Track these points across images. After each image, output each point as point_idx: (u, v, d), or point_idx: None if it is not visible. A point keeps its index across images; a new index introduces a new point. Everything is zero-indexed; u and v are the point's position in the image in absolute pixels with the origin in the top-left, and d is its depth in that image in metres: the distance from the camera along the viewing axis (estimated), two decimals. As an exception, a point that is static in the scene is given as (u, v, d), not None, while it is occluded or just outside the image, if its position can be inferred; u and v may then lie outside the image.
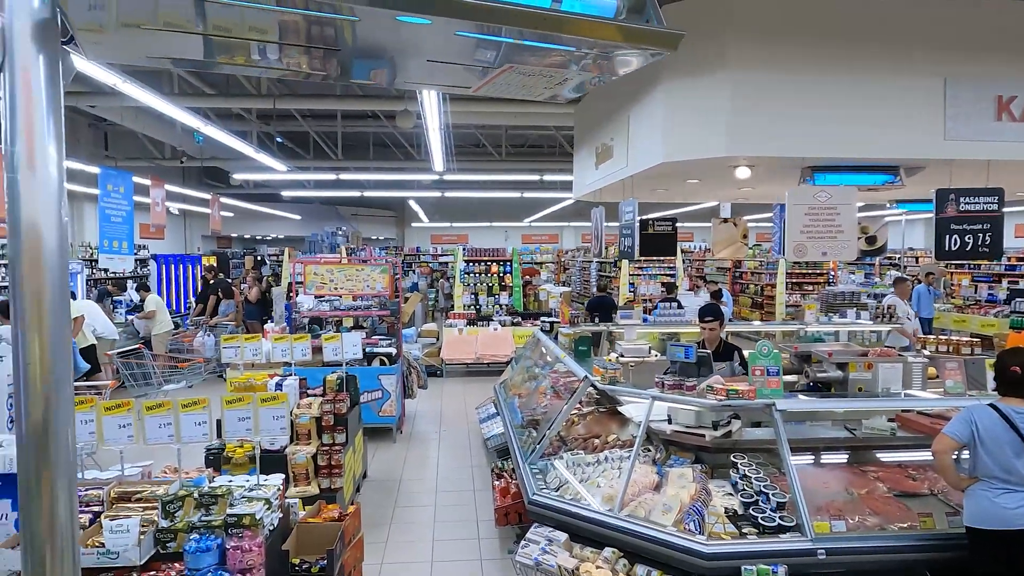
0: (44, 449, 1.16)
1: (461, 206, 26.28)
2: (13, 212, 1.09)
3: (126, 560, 2.88)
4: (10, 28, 1.01)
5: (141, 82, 6.64)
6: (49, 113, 1.06)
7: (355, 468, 5.84)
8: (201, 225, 23.12)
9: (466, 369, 11.86)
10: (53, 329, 1.17)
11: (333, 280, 8.26)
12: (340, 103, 11.56)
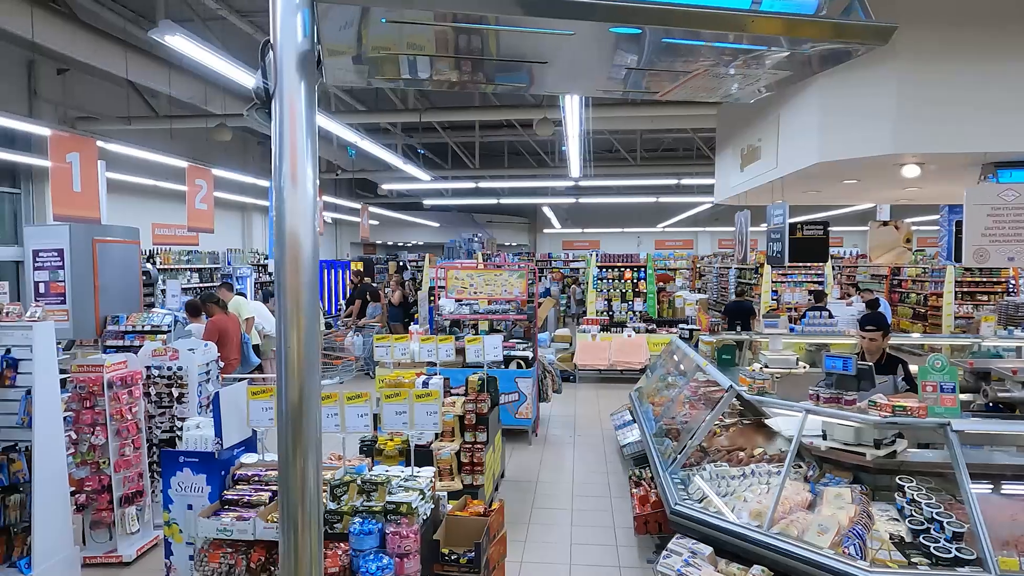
0: (298, 427, 1.32)
1: (593, 212, 26.25)
2: (279, 223, 1.27)
3: (299, 536, 3.15)
4: (280, 60, 1.16)
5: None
6: (308, 135, 1.22)
7: (495, 467, 6.01)
8: (350, 232, 24.81)
9: (599, 375, 11.82)
10: (307, 324, 1.32)
11: (472, 284, 8.55)
12: (479, 114, 11.96)
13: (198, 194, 7.84)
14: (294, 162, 1.22)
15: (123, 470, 4.91)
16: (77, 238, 6.89)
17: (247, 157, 16.22)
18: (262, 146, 17.11)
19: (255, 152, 16.83)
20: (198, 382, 5.41)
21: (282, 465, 1.35)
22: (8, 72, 9.83)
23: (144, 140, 10.22)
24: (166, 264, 12.44)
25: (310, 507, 1.33)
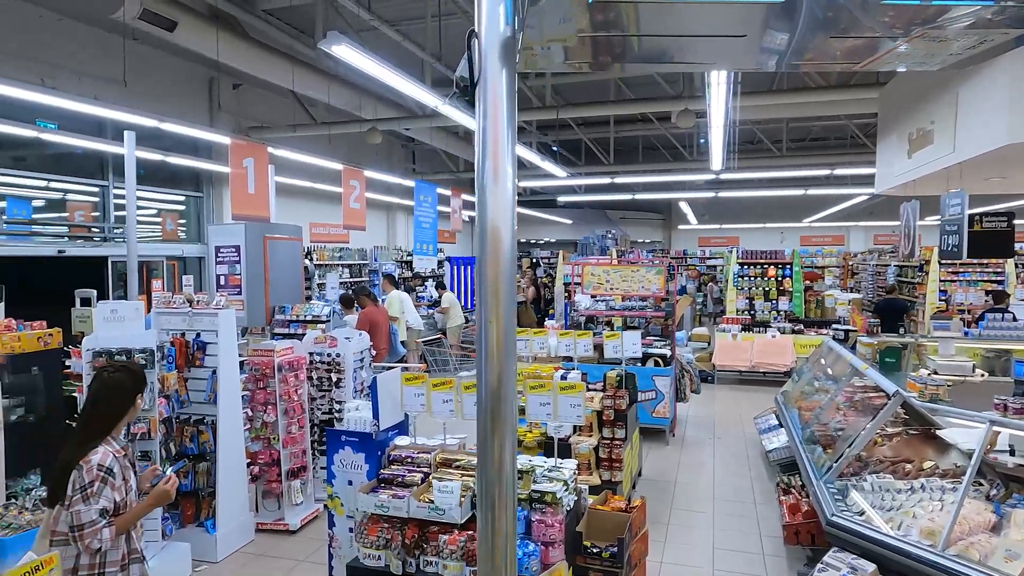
0: (497, 410, 1.39)
1: (733, 207, 25.10)
2: (481, 218, 1.34)
3: (450, 517, 3.30)
4: (483, 48, 1.22)
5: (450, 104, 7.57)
6: (509, 126, 1.27)
7: (632, 465, 5.94)
8: (484, 230, 25.46)
9: (739, 376, 11.31)
10: (506, 313, 1.39)
11: (608, 280, 8.49)
12: (615, 108, 11.83)
13: (352, 194, 8.43)
14: (496, 160, 1.27)
15: (290, 446, 5.38)
16: (251, 236, 7.66)
17: (392, 159, 17.15)
18: (405, 148, 18.03)
19: (399, 154, 17.76)
20: (353, 368, 5.82)
21: (480, 446, 1.41)
22: (194, 89, 11.09)
23: (304, 145, 11.12)
24: (321, 260, 13.46)
25: (506, 487, 1.38)
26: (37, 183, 9.55)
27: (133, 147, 5.11)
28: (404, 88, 6.45)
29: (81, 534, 2.55)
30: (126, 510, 2.71)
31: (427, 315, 12.89)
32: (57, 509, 2.63)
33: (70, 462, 2.64)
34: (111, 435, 2.79)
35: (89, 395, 2.84)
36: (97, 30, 9.03)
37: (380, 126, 10.64)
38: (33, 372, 4.40)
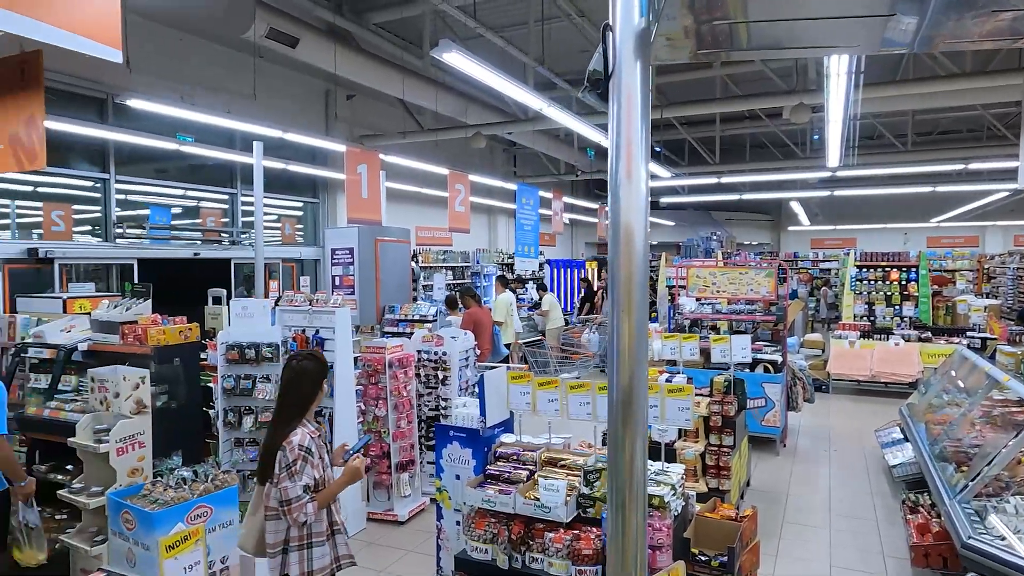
0: (628, 411, 1.40)
1: (850, 206, 23.63)
2: (614, 217, 1.36)
3: (556, 516, 3.33)
4: (617, 41, 1.23)
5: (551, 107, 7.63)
6: (643, 121, 1.28)
7: (740, 473, 5.73)
8: (585, 233, 25.40)
9: (857, 386, 10.63)
10: (638, 314, 1.39)
11: (715, 283, 8.23)
12: (722, 106, 11.48)
13: (457, 197, 8.67)
14: (629, 160, 1.28)
15: (399, 440, 5.60)
16: (363, 239, 8.06)
17: (495, 162, 17.47)
18: (507, 152, 18.30)
19: (501, 158, 18.06)
20: (459, 367, 5.97)
21: (611, 447, 1.41)
22: (312, 101, 11.79)
23: (411, 151, 11.55)
24: (426, 262, 13.91)
25: (637, 489, 1.38)
26: (175, 192, 10.47)
27: (260, 156, 5.52)
28: (511, 92, 6.57)
29: (289, 508, 2.79)
30: (324, 486, 2.94)
31: (526, 317, 13.01)
32: (267, 486, 2.90)
33: (274, 443, 2.90)
34: (305, 418, 3.01)
35: (282, 382, 3.10)
36: (230, 50, 9.80)
37: (484, 131, 10.87)
38: (175, 363, 4.82)
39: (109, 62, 2.42)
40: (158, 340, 4.67)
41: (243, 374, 4.72)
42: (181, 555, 2.22)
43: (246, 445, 4.74)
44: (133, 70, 7.80)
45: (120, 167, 9.31)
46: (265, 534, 2.93)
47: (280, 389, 3.11)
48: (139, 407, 4.26)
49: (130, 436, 4.20)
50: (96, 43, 2.28)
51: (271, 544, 2.92)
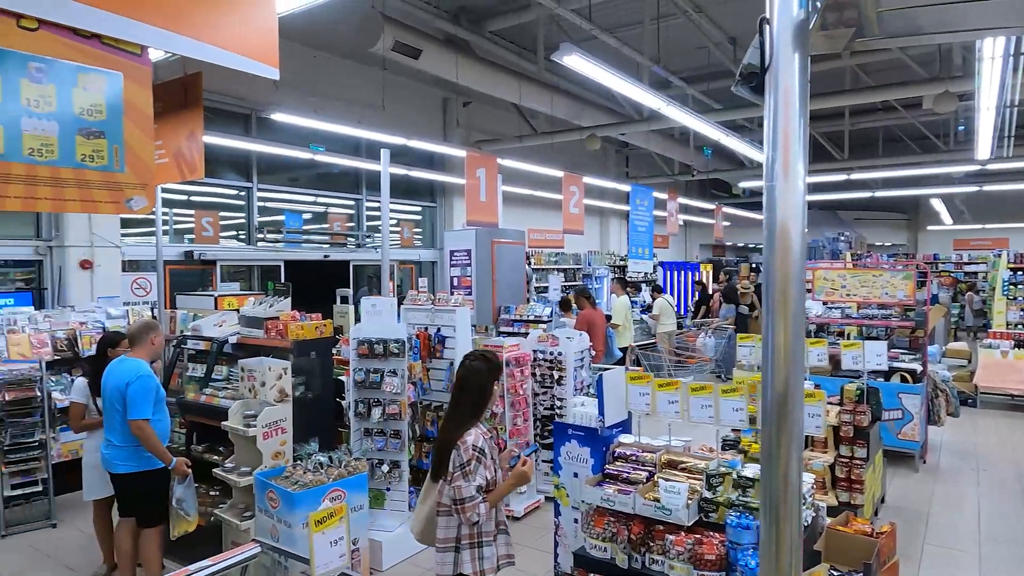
0: (783, 418, 1.37)
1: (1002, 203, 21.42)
2: (769, 216, 1.34)
3: (676, 518, 3.28)
4: (774, 33, 1.21)
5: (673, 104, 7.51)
6: (800, 116, 1.25)
7: (874, 488, 5.38)
8: (699, 234, 24.68)
9: (1010, 401, 9.63)
10: (795, 316, 1.36)
11: (845, 286, 7.76)
12: (853, 98, 10.78)
13: (572, 199, 8.72)
14: (786, 155, 1.26)
15: (515, 437, 5.71)
16: (481, 240, 8.30)
17: (607, 164, 17.37)
18: (619, 153, 18.14)
19: (614, 159, 17.94)
20: (574, 367, 6.01)
21: (764, 455, 1.38)
22: (430, 109, 12.28)
23: (525, 155, 11.73)
24: (538, 264, 14.06)
25: (792, 500, 1.34)
26: (306, 198, 11.24)
27: (387, 164, 5.83)
28: (629, 92, 6.55)
29: (463, 507, 2.82)
30: (494, 487, 2.95)
31: (638, 320, 12.83)
32: (440, 484, 2.95)
33: (448, 441, 2.93)
34: (480, 417, 3.04)
35: (456, 381, 3.15)
36: (356, 64, 10.40)
37: (598, 132, 10.85)
38: (311, 356, 5.20)
39: (254, 81, 2.67)
40: (297, 335, 5.05)
41: (372, 368, 5.00)
42: (328, 530, 2.41)
43: (374, 435, 5.02)
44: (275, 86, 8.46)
45: (260, 176, 10.12)
46: (436, 529, 2.98)
47: (454, 388, 3.14)
48: (282, 396, 4.64)
49: (274, 422, 4.57)
50: (257, 62, 2.53)
51: (441, 539, 2.95)
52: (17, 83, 1.93)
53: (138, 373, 4.13)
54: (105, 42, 2.09)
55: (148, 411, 4.10)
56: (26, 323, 6.18)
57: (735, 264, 23.69)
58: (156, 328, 4.47)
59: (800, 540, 1.39)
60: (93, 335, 6.44)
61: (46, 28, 1.95)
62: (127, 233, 8.38)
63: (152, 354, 4.42)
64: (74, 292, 7.45)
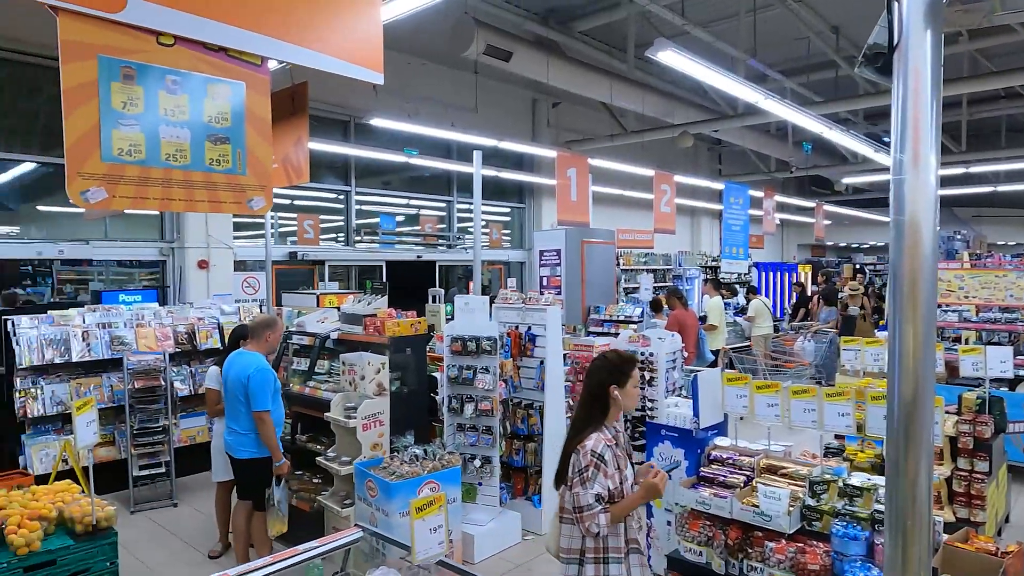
0: (912, 427, 1.29)
1: None
2: (897, 211, 1.27)
3: (776, 525, 3.17)
4: (904, 8, 1.14)
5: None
6: (932, 99, 1.18)
7: (997, 506, 4.97)
8: (796, 234, 23.61)
9: None
10: (925, 318, 1.29)
11: (963, 287, 7.22)
12: (970, 85, 10.01)
13: (663, 198, 8.58)
14: (916, 139, 1.19)
15: (605, 437, 5.68)
16: (570, 240, 8.32)
17: (699, 162, 16.95)
18: (712, 151, 17.65)
19: (705, 157, 17.48)
20: (666, 368, 5.90)
21: (890, 466, 1.31)
22: (519, 111, 12.40)
23: (615, 154, 11.63)
24: (627, 265, 13.89)
25: (921, 514, 1.26)
26: (400, 201, 11.62)
27: (480, 165, 5.94)
28: (725, 87, 6.37)
29: (580, 516, 2.65)
30: (620, 499, 2.72)
31: (731, 322, 12.42)
32: (562, 489, 2.79)
33: (570, 446, 2.78)
34: (605, 423, 2.81)
35: (584, 383, 2.96)
36: (447, 68, 10.65)
37: (691, 129, 10.61)
38: (407, 352, 5.38)
39: (353, 89, 2.80)
40: (393, 331, 5.24)
41: (465, 365, 5.12)
42: (427, 517, 2.49)
43: (467, 430, 5.13)
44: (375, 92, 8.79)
45: (357, 180, 10.57)
46: (560, 536, 2.82)
47: (582, 390, 2.95)
48: (380, 389, 4.82)
49: (373, 414, 4.77)
50: (363, 68, 2.66)
51: (565, 549, 2.79)
52: (156, 95, 2.13)
53: (257, 366, 4.34)
54: (230, 54, 2.27)
55: (268, 402, 4.30)
56: (152, 318, 6.72)
57: (836, 265, 22.51)
58: (273, 325, 4.65)
59: (930, 557, 1.30)
60: (209, 329, 6.93)
61: (181, 44, 2.14)
62: (238, 236, 8.96)
63: (267, 349, 4.62)
64: (192, 290, 8.03)
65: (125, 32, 2.02)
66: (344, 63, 2.60)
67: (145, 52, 2.07)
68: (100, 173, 2.02)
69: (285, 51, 2.38)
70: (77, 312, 6.43)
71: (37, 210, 7.65)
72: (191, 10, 2.10)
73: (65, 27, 1.96)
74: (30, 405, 5.88)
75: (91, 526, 3.43)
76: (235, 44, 2.23)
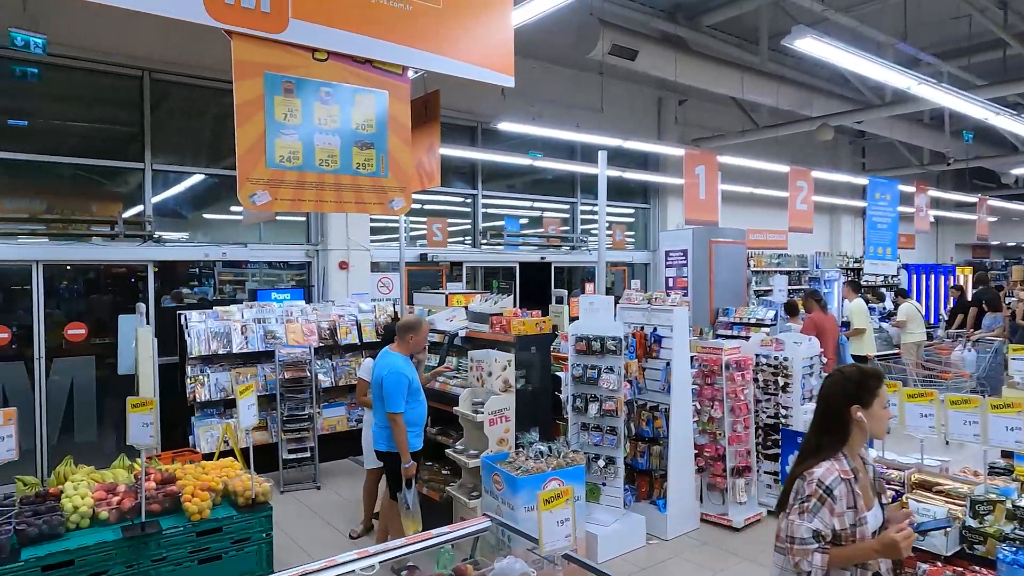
0: None
1: None
2: None
3: (932, 546, 2.92)
4: None
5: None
6: None
7: None
8: (953, 232, 21.44)
9: None
10: None
11: None
12: None
13: (799, 195, 8.11)
14: None
15: (735, 444, 5.47)
16: (698, 240, 8.08)
17: (838, 157, 15.85)
18: (853, 144, 16.44)
19: (846, 151, 16.31)
20: (801, 374, 5.59)
21: None
22: (644, 109, 12.20)
23: (745, 151, 11.15)
24: (758, 267, 13.26)
25: None
26: (524, 203, 11.81)
27: (604, 165, 5.92)
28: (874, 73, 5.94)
29: (791, 548, 2.30)
30: (849, 541, 2.30)
31: (877, 328, 11.49)
32: (782, 515, 2.44)
33: (796, 471, 2.43)
34: (843, 450, 2.39)
35: (817, 402, 2.60)
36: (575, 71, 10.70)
37: (832, 121, 9.97)
38: (532, 351, 5.47)
39: (481, 97, 2.90)
40: (519, 330, 5.34)
41: (590, 364, 5.13)
42: (555, 510, 2.53)
43: (591, 430, 5.14)
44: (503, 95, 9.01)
45: (483, 184, 10.88)
46: (771, 565, 2.50)
47: (815, 412, 2.58)
48: (506, 386, 4.95)
49: (499, 410, 4.90)
50: (494, 72, 2.77)
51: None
52: (312, 106, 2.35)
53: (391, 368, 4.43)
54: (375, 65, 2.46)
55: (401, 405, 4.37)
56: (299, 314, 7.31)
57: (1004, 266, 20.19)
58: (416, 327, 4.67)
59: None
60: (349, 326, 7.42)
61: (333, 58, 2.35)
62: (374, 239, 9.50)
63: (409, 350, 4.65)
64: (333, 289, 8.63)
65: (286, 50, 2.25)
66: (478, 68, 2.72)
67: (303, 67, 2.29)
68: (265, 178, 2.26)
69: (424, 60, 2.53)
70: (237, 308, 7.11)
71: (203, 218, 8.55)
72: (342, 27, 2.30)
73: (238, 48, 2.21)
74: (198, 391, 6.58)
75: (251, 499, 3.79)
76: (380, 56, 2.40)
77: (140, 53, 7.34)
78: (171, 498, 3.64)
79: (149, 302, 7.46)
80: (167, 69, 7.68)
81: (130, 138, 7.74)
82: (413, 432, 4.53)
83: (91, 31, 6.95)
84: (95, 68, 7.32)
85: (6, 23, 6.05)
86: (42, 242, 7.01)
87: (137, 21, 7.05)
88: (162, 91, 7.84)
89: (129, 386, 6.14)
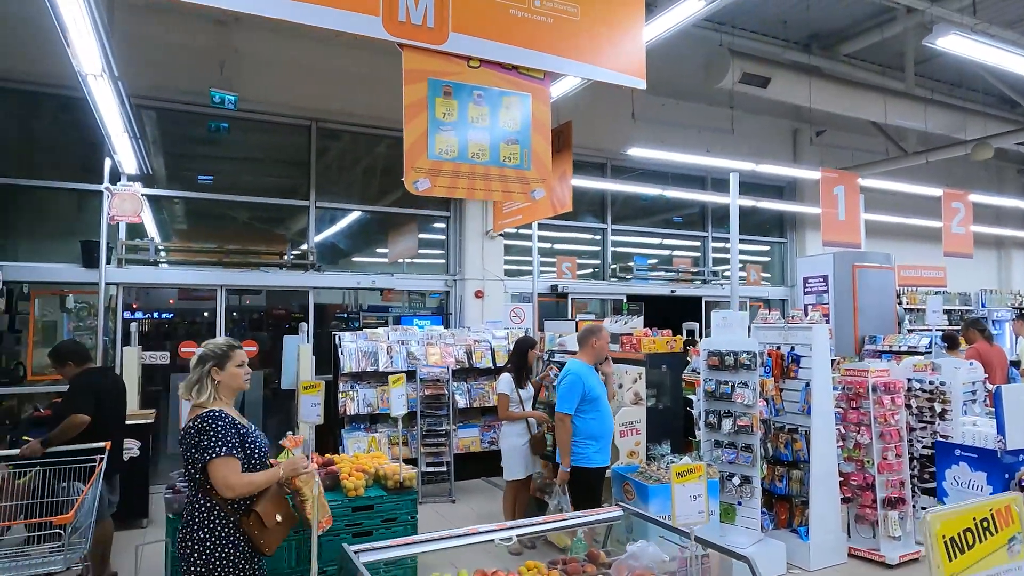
0: None
1: None
2: None
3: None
4: None
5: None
6: None
7: None
8: None
9: None
10: None
11: None
12: None
13: (955, 217, 7.55)
14: None
15: (886, 473, 5.11)
16: (839, 265, 7.72)
17: (1002, 184, 14.50)
18: (1021, 172, 14.98)
19: (1011, 178, 14.88)
20: (963, 401, 5.16)
21: None
22: (779, 141, 11.94)
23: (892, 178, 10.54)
24: (912, 304, 12.28)
25: None
26: (654, 240, 11.84)
27: (736, 187, 5.90)
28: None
29: None
30: None
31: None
32: None
33: None
34: None
35: None
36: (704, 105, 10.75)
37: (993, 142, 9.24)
38: (663, 369, 5.50)
39: (609, 133, 3.10)
40: (650, 348, 5.41)
41: (722, 379, 5.06)
42: (687, 484, 2.60)
43: (725, 447, 5.03)
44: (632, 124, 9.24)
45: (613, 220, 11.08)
46: None
47: None
48: (636, 399, 5.01)
49: (630, 422, 4.96)
50: (628, 75, 3.00)
51: None
52: (467, 106, 2.70)
53: (570, 372, 4.46)
54: (521, 71, 2.78)
55: (571, 407, 4.34)
56: (438, 338, 7.79)
57: None
58: (598, 331, 4.59)
59: None
60: (483, 351, 7.79)
61: (485, 65, 2.70)
62: (508, 271, 9.95)
63: (594, 356, 4.55)
64: (469, 315, 9.11)
65: (446, 59, 2.64)
66: (613, 72, 2.97)
67: (459, 73, 2.66)
68: (426, 168, 2.63)
69: (564, 65, 2.83)
70: (383, 330, 7.72)
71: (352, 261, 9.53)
72: (494, 38, 2.66)
73: (408, 58, 2.62)
74: (348, 405, 7.15)
75: (399, 483, 4.13)
76: (525, 62, 2.73)
77: (309, 105, 8.39)
78: (332, 476, 4.06)
79: (309, 323, 8.29)
80: (330, 119, 8.71)
81: (299, 179, 8.81)
82: (594, 447, 4.41)
83: (270, 88, 8.06)
84: (273, 120, 8.44)
85: (206, 84, 7.21)
86: (224, 271, 8.08)
87: (306, 77, 8.11)
88: (326, 138, 8.89)
89: (290, 401, 6.83)
